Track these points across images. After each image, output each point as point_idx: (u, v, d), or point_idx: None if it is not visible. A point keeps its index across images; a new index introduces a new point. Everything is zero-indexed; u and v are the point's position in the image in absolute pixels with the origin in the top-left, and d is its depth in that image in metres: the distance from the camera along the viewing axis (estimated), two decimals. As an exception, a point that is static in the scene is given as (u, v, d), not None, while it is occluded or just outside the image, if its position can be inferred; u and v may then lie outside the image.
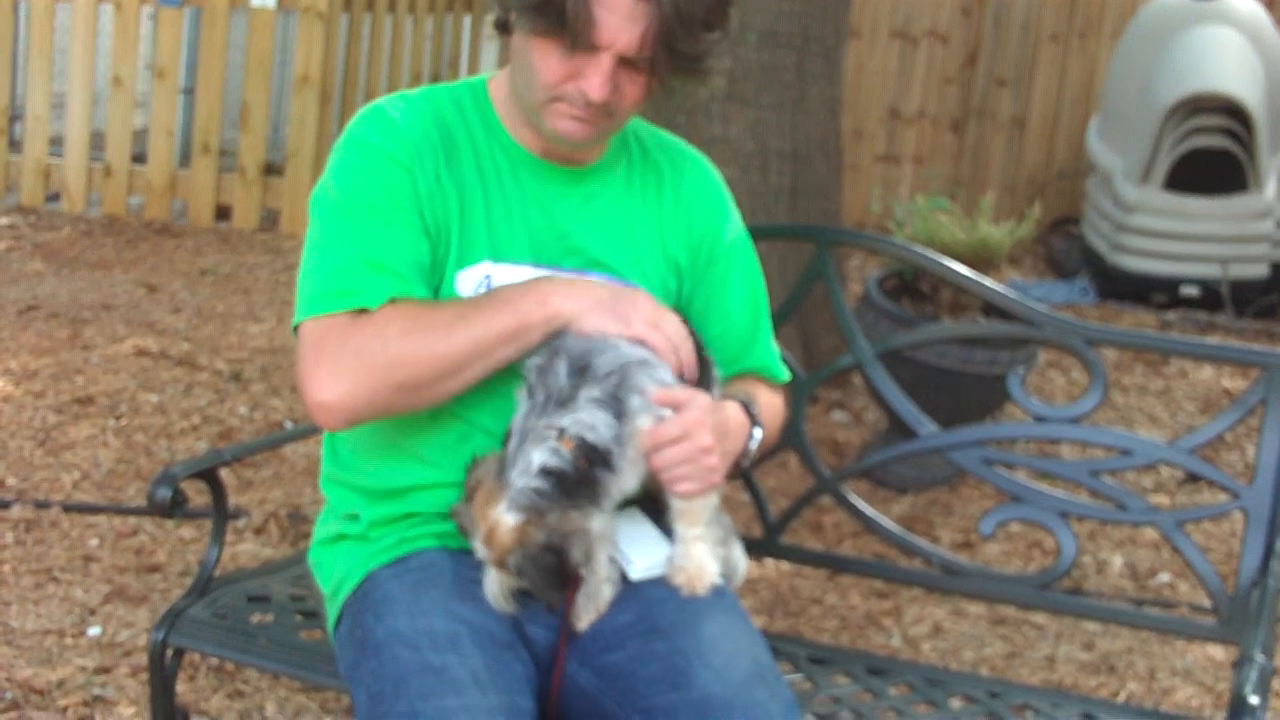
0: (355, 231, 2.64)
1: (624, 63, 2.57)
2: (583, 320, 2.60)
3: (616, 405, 2.53)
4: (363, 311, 2.59)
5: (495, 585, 2.56)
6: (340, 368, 2.57)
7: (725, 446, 2.66)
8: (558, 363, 2.54)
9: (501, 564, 2.51)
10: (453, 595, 2.60)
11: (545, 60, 2.59)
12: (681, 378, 2.63)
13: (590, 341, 2.57)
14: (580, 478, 2.50)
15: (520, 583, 2.54)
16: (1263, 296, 8.32)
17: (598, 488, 2.53)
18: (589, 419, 2.51)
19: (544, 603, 2.54)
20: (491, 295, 2.65)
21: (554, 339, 2.59)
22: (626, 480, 2.57)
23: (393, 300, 2.60)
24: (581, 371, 2.53)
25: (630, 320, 2.61)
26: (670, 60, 2.59)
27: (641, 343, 2.60)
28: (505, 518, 2.48)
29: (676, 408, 2.57)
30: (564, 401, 2.51)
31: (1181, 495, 5.77)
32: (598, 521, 2.56)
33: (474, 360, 2.60)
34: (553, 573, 2.51)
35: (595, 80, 2.57)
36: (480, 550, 2.53)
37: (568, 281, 2.66)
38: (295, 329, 2.67)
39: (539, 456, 2.49)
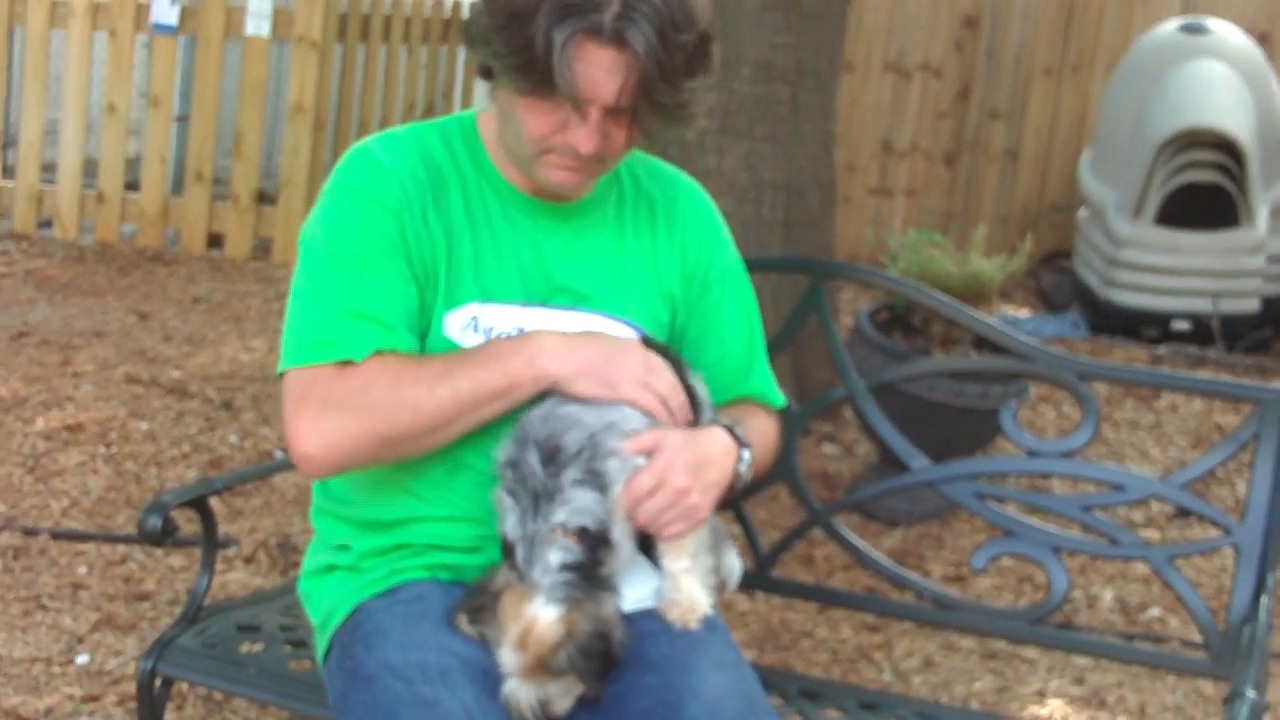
0: (342, 280, 2.64)
1: (609, 112, 2.57)
2: (571, 385, 2.61)
3: (597, 479, 2.53)
4: (348, 363, 2.59)
5: (524, 696, 2.49)
6: (323, 420, 2.59)
7: (707, 478, 2.65)
8: (527, 455, 2.54)
9: (541, 665, 2.46)
10: (443, 628, 2.59)
11: (532, 116, 2.59)
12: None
13: (552, 420, 2.56)
14: (594, 566, 2.51)
15: (557, 684, 2.50)
16: (1254, 331, 8.32)
17: (608, 570, 2.54)
18: (579, 504, 2.51)
19: (589, 694, 2.51)
20: (480, 351, 2.65)
21: (517, 427, 2.59)
22: (625, 550, 2.58)
23: (379, 352, 2.60)
24: (553, 457, 2.52)
25: (619, 384, 2.62)
26: (652, 109, 2.59)
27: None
28: (545, 611, 2.46)
29: (650, 452, 2.58)
30: (550, 494, 2.51)
31: (1172, 530, 5.76)
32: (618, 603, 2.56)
33: (459, 417, 2.61)
34: (602, 660, 2.49)
35: (583, 134, 2.58)
36: (510, 660, 2.48)
37: (558, 339, 2.65)
38: (280, 375, 2.68)
39: (555, 556, 2.48)
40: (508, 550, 2.55)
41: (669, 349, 2.77)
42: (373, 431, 2.59)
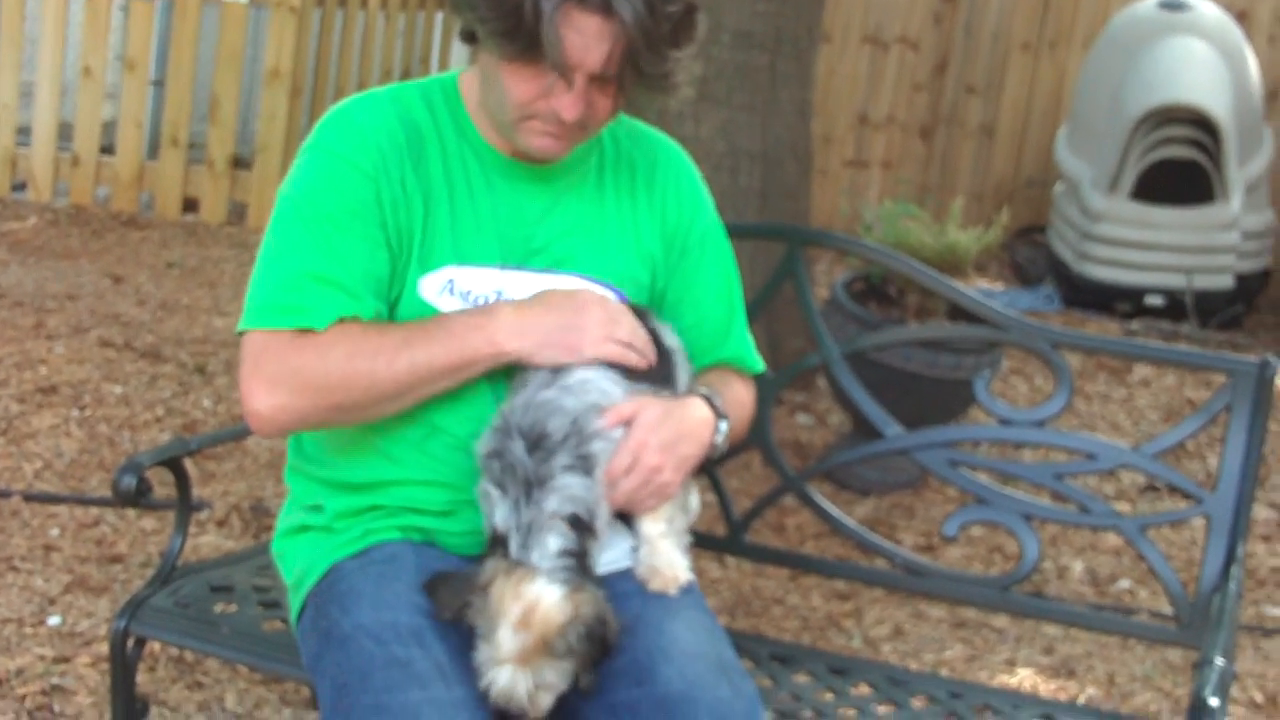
0: (309, 242, 2.64)
1: (594, 79, 2.57)
2: (534, 359, 2.64)
3: (585, 463, 2.54)
4: (308, 331, 2.60)
5: (523, 685, 2.45)
6: (278, 383, 2.61)
7: (682, 452, 2.67)
8: (512, 445, 2.53)
9: (544, 646, 2.44)
10: (416, 588, 2.58)
11: (516, 82, 2.59)
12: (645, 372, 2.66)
13: (534, 409, 2.56)
14: (584, 555, 2.51)
15: (553, 670, 2.47)
16: (1227, 307, 8.36)
17: (594, 560, 2.55)
18: (570, 490, 2.51)
19: (582, 683, 2.50)
20: (439, 326, 2.65)
21: (497, 417, 2.59)
22: (604, 533, 2.58)
23: (340, 319, 2.61)
24: (539, 443, 2.53)
25: (580, 348, 2.64)
26: (636, 77, 2.59)
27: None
28: (550, 590, 2.45)
29: (628, 423, 2.60)
30: (542, 481, 2.51)
31: (1143, 504, 5.79)
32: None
33: (414, 389, 2.63)
34: (601, 645, 2.48)
35: (567, 101, 2.57)
36: (510, 642, 2.43)
37: (514, 313, 2.65)
38: (240, 333, 2.68)
39: (555, 542, 2.48)
40: (495, 543, 2.53)
41: (654, 314, 2.80)
42: (327, 400, 2.62)
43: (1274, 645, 4.82)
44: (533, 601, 2.44)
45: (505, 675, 2.44)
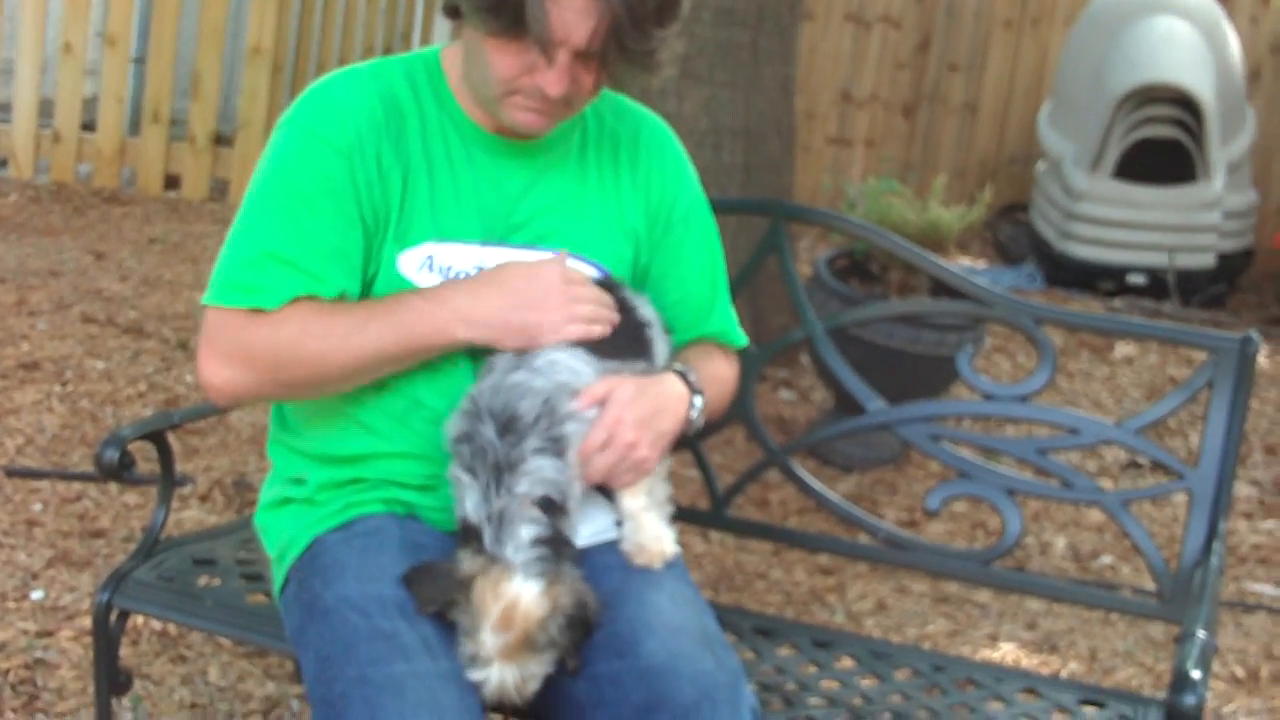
0: (276, 221, 2.65)
1: (578, 56, 2.56)
2: (494, 346, 2.66)
3: (557, 445, 2.53)
4: (262, 311, 2.61)
5: (510, 680, 2.47)
6: (231, 359, 2.65)
7: (658, 428, 2.68)
8: (482, 428, 2.53)
9: (526, 643, 2.45)
10: (400, 561, 2.59)
11: (500, 57, 2.58)
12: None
13: (504, 391, 2.56)
14: (558, 534, 2.51)
15: (538, 660, 2.48)
16: (1209, 286, 8.38)
17: (568, 539, 2.54)
18: (541, 473, 2.51)
19: (569, 666, 2.51)
20: (394, 308, 2.65)
21: (466, 400, 2.60)
22: (576, 511, 2.58)
23: (295, 300, 2.62)
24: (510, 426, 2.52)
25: (540, 335, 2.64)
26: (621, 55, 2.58)
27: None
28: (528, 587, 2.45)
29: (602, 403, 2.60)
30: (513, 465, 2.50)
31: (1125, 481, 5.81)
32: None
33: (364, 372, 2.66)
34: (583, 629, 2.49)
35: (551, 76, 2.56)
36: (492, 642, 2.45)
37: (467, 298, 2.64)
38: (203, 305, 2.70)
39: (527, 531, 2.48)
40: (467, 533, 2.53)
41: (605, 273, 2.80)
42: (276, 377, 2.66)
43: (1255, 621, 4.84)
44: (512, 600, 2.44)
45: (494, 674, 2.46)
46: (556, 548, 2.50)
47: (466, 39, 2.66)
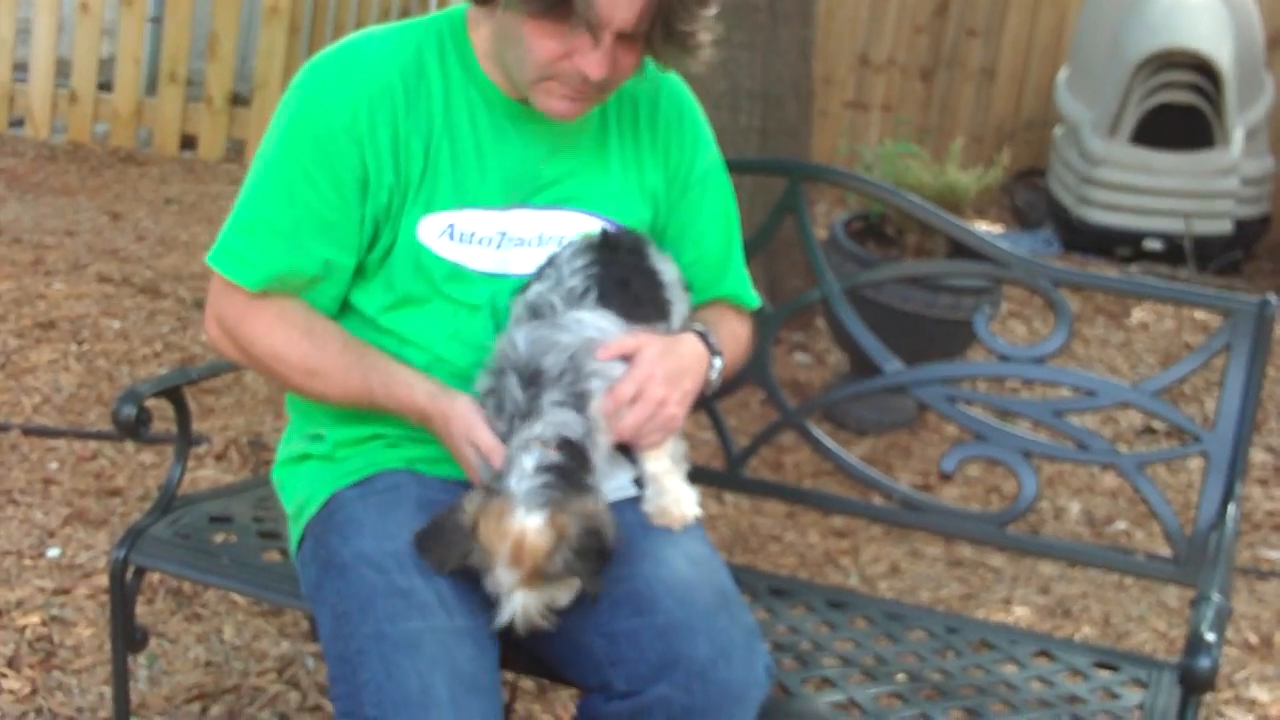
0: (274, 193, 2.68)
1: (620, 38, 2.53)
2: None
3: (579, 401, 2.52)
4: (248, 291, 2.69)
5: (533, 606, 2.48)
6: (226, 338, 2.78)
7: (684, 387, 2.67)
8: (507, 381, 2.54)
9: (539, 574, 2.45)
10: (418, 518, 2.58)
11: (541, 40, 2.53)
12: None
13: (530, 344, 2.55)
14: (573, 467, 2.49)
15: (558, 588, 2.49)
16: (1225, 252, 8.35)
17: (589, 476, 2.53)
18: (558, 419, 2.50)
19: (589, 590, 2.50)
20: (391, 378, 2.68)
21: (492, 359, 2.61)
22: (603, 465, 2.57)
23: (278, 286, 2.68)
24: (534, 379, 2.52)
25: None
26: (665, 36, 2.56)
27: None
28: (530, 520, 2.44)
29: (629, 356, 2.59)
30: (528, 415, 2.50)
31: (1140, 445, 5.80)
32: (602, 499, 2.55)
33: (341, 400, 2.74)
34: (598, 556, 2.48)
35: (594, 58, 2.53)
36: (505, 578, 2.45)
37: (442, 427, 2.66)
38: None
39: (530, 460, 2.47)
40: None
41: (631, 234, 2.78)
42: (262, 367, 2.80)
43: (1269, 588, 4.84)
44: (518, 535, 2.43)
45: (517, 604, 2.46)
46: (566, 477, 2.48)
47: (501, 20, 2.61)
